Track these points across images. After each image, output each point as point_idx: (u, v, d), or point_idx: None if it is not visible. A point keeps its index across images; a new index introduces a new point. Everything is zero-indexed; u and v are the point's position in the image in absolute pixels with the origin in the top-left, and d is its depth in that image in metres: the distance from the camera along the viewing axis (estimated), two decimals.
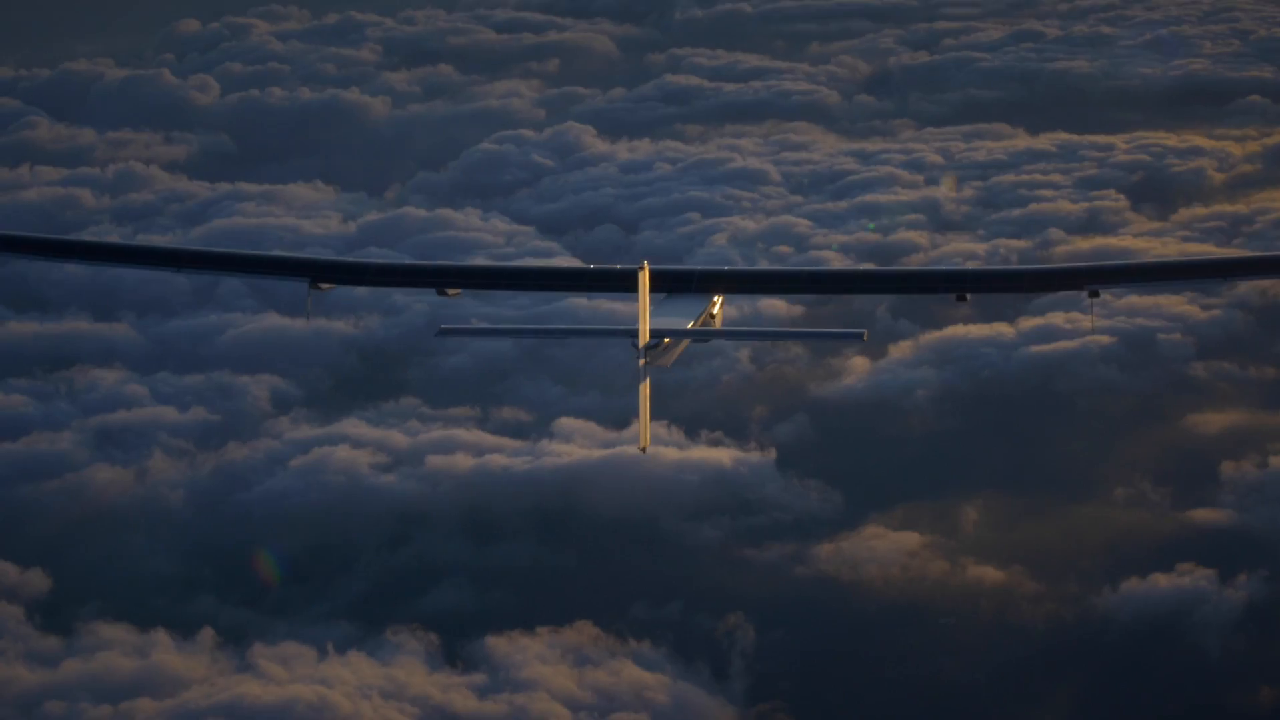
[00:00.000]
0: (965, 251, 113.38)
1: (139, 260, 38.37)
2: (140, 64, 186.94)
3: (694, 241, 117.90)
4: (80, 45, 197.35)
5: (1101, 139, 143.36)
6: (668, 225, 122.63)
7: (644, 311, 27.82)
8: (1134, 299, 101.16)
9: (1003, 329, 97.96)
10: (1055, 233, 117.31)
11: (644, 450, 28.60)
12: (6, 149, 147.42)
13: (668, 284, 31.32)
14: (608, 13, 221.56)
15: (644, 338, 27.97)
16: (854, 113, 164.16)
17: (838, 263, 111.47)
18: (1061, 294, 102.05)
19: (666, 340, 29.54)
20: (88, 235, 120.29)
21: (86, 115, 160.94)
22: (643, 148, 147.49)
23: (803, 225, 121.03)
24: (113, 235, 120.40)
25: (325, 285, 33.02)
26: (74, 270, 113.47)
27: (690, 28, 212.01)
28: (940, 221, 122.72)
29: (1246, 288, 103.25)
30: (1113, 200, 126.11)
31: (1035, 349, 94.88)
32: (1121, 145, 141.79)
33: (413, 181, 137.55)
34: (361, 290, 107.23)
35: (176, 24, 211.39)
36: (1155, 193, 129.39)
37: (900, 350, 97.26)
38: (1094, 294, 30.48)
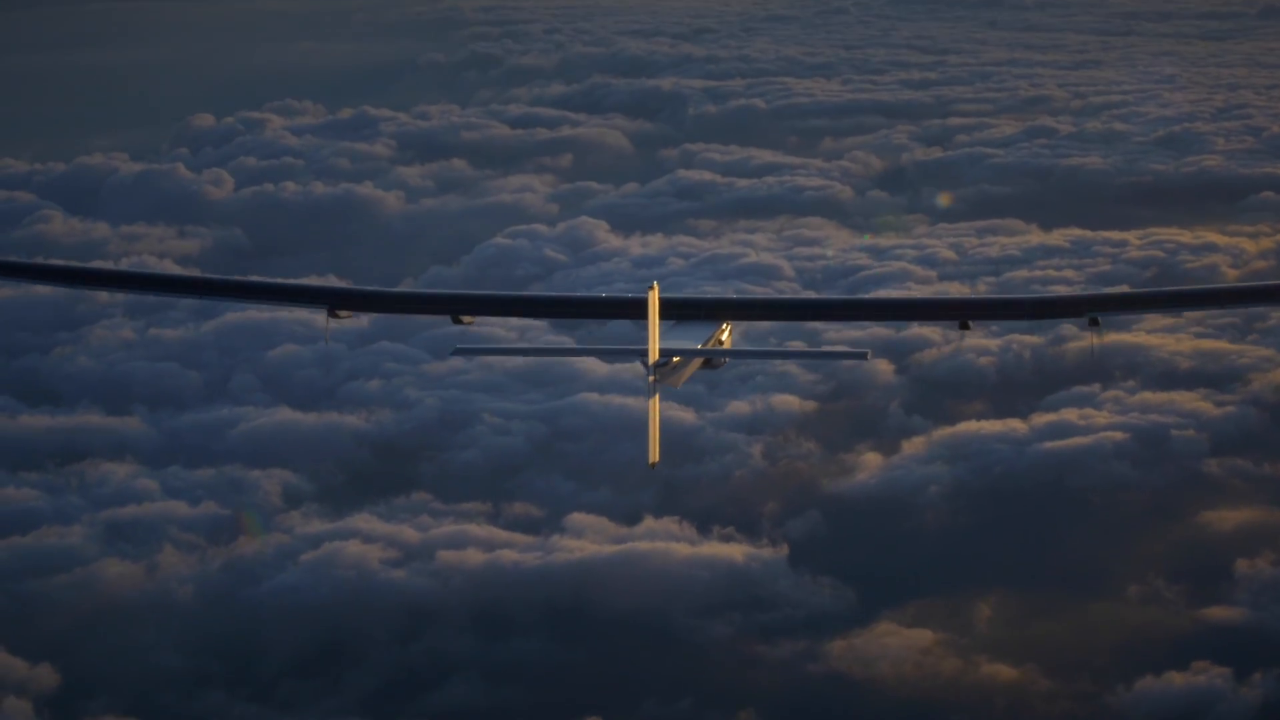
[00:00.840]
0: (978, 347, 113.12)
1: (160, 288, 40.14)
2: (154, 158, 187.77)
3: None
4: (95, 140, 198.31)
5: (1115, 235, 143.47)
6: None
7: (653, 330, 28.66)
8: (1146, 395, 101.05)
9: (1016, 425, 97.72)
10: (1068, 329, 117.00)
11: (653, 466, 29.34)
12: (21, 242, 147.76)
13: (677, 312, 32.35)
14: (621, 108, 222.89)
15: (653, 356, 28.93)
16: (867, 208, 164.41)
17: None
18: (1075, 389, 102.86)
19: (675, 360, 30.48)
20: (100, 329, 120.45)
21: (100, 209, 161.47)
22: (656, 242, 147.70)
23: (816, 321, 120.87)
24: (125, 329, 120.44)
25: (343, 313, 33.44)
26: (86, 363, 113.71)
27: (703, 123, 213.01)
28: None
29: (1260, 385, 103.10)
30: None
31: (1048, 445, 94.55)
32: (1135, 241, 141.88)
33: (425, 275, 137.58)
34: (374, 383, 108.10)
35: (191, 119, 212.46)
36: (1169, 288, 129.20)
37: (913, 446, 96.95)
38: (1094, 321, 31.04)
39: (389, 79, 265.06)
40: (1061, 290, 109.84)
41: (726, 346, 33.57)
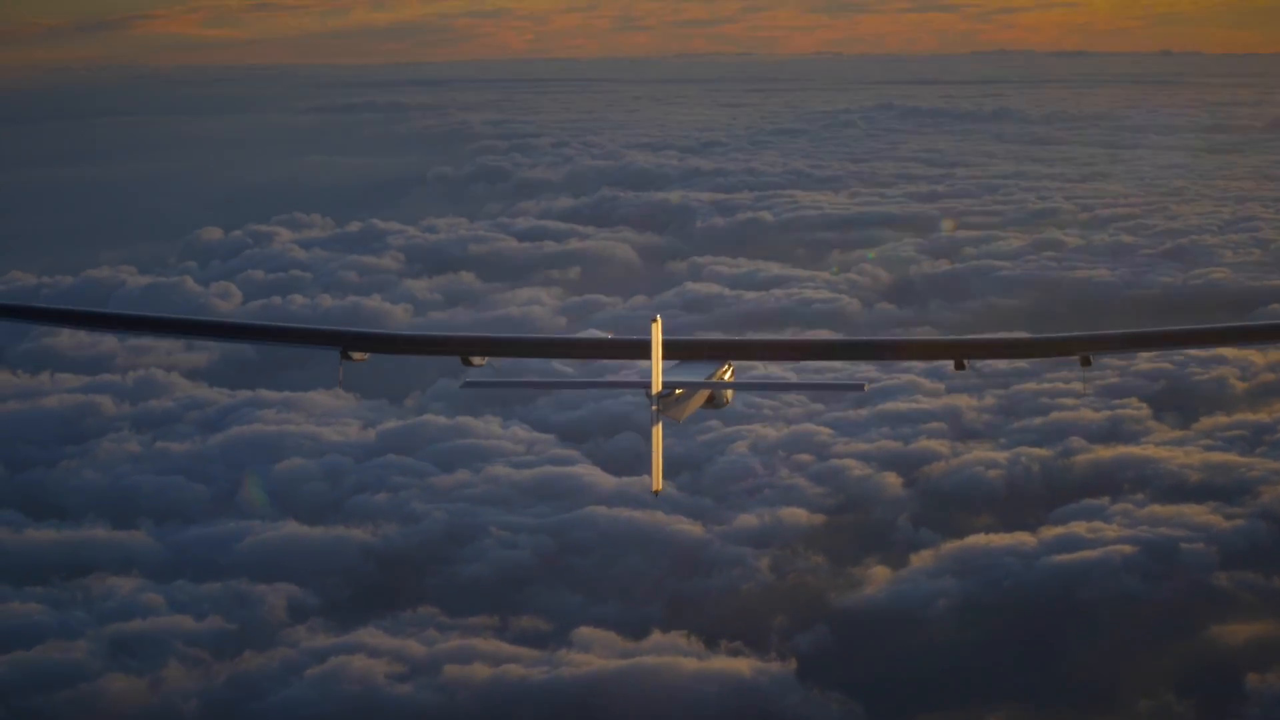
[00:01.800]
0: (986, 460, 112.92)
1: (176, 331, 41.05)
2: (163, 271, 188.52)
3: (715, 449, 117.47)
4: (103, 253, 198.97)
5: None
6: (688, 433, 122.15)
7: (656, 363, 29.69)
8: (1156, 508, 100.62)
9: (1024, 538, 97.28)
10: (1077, 441, 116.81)
11: (657, 494, 30.65)
12: (28, 355, 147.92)
13: (682, 353, 33.47)
14: (629, 221, 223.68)
15: (656, 387, 29.92)
16: (875, 321, 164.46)
17: (859, 471, 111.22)
18: (1084, 502, 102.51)
19: (678, 391, 31.55)
20: (107, 442, 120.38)
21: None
22: None
23: (824, 433, 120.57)
24: (131, 443, 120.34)
25: (356, 355, 34.50)
26: (92, 477, 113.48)
27: (711, 235, 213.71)
28: (961, 430, 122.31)
29: (1271, 497, 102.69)
30: (1134, 409, 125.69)
31: (1057, 558, 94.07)
32: (1143, 354, 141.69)
33: (433, 389, 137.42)
34: (381, 496, 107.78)
35: (199, 232, 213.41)
36: (1177, 401, 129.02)
37: (921, 559, 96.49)
38: (1086, 361, 32.54)
39: (397, 192, 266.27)
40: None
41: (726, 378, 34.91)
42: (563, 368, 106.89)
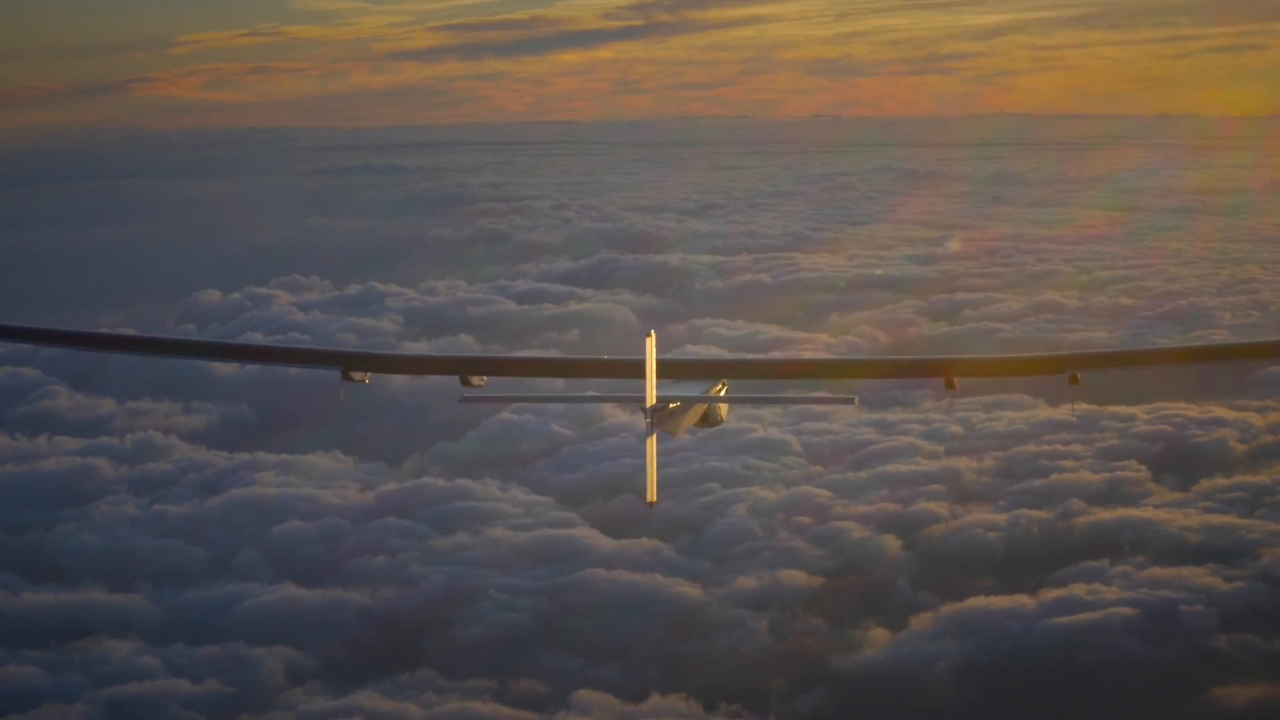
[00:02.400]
0: (986, 522, 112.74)
1: (177, 352, 42.46)
2: (161, 334, 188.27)
3: (714, 511, 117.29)
4: (101, 315, 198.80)
5: (1122, 409, 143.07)
6: (687, 495, 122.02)
7: (650, 376, 30.84)
8: (1156, 570, 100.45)
9: (1024, 600, 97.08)
10: (1076, 503, 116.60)
11: (652, 505, 31.51)
12: (25, 418, 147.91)
13: (676, 372, 34.57)
14: (628, 283, 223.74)
15: (651, 400, 31.05)
16: (874, 383, 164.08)
17: (858, 533, 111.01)
18: (1083, 564, 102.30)
19: (672, 405, 33.00)
20: (105, 504, 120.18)
21: (106, 385, 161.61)
22: None
23: (823, 496, 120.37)
24: (129, 506, 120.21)
25: (357, 375, 35.74)
26: (90, 540, 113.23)
27: (710, 298, 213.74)
28: (961, 492, 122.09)
29: (1270, 559, 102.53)
30: (1134, 471, 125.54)
31: (1057, 621, 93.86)
32: (1142, 416, 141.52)
33: (431, 451, 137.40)
34: (379, 559, 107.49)
35: (198, 294, 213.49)
36: (1177, 463, 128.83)
37: (921, 622, 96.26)
38: (1074, 379, 32.74)
39: (396, 255, 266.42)
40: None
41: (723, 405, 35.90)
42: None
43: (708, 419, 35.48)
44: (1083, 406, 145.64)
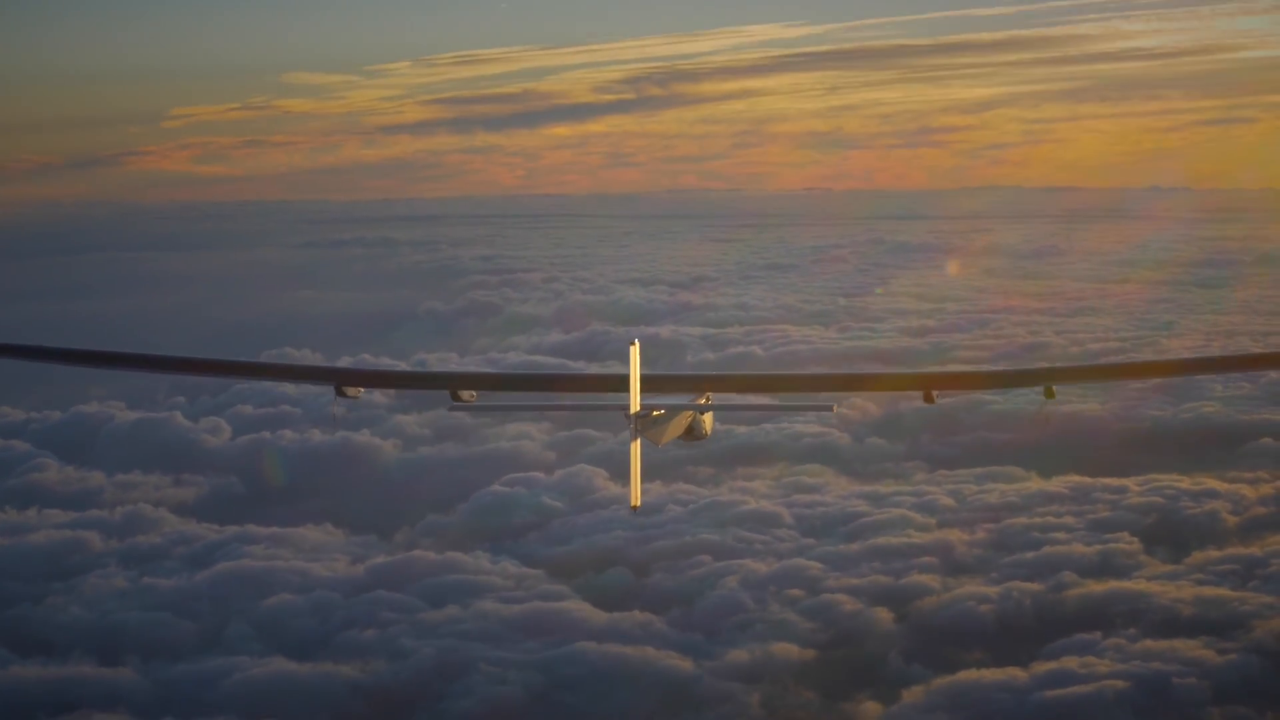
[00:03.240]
0: (978, 594, 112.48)
1: (177, 370, 44.06)
2: (152, 406, 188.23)
3: (705, 584, 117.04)
4: (92, 388, 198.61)
5: (1114, 482, 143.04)
6: (679, 568, 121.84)
7: (634, 384, 31.98)
8: (1149, 642, 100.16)
9: (1016, 673, 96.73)
10: (1069, 575, 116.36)
11: (635, 509, 32.43)
12: (15, 491, 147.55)
13: (661, 385, 36.10)
14: (619, 356, 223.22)
15: (634, 407, 32.17)
16: (865, 455, 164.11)
17: (850, 606, 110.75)
18: (1076, 636, 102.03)
19: (655, 413, 34.45)
20: (94, 578, 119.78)
21: (96, 458, 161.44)
22: (654, 490, 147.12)
23: (815, 568, 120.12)
24: (118, 579, 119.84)
25: (350, 389, 36.93)
26: (79, 614, 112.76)
27: (702, 371, 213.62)
28: (953, 565, 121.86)
29: (1263, 632, 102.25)
30: (1126, 543, 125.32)
31: (1049, 694, 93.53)
32: (1134, 487, 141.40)
33: (422, 524, 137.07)
34: (369, 632, 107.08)
35: None
36: (1169, 535, 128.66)
37: (913, 695, 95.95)
38: (1049, 392, 33.78)
39: (388, 327, 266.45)
40: (1016, 365, 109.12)
41: (707, 417, 37.23)
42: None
43: (692, 432, 37.20)
44: (1074, 478, 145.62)
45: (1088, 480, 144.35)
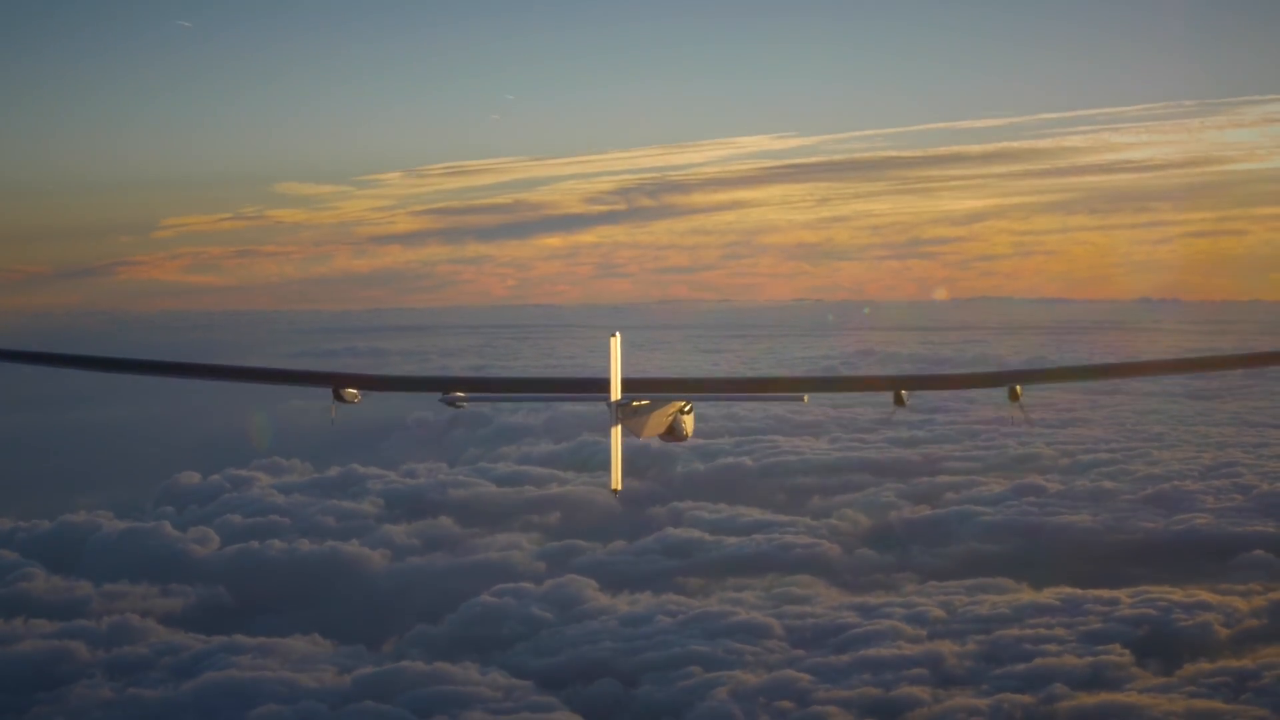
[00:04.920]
0: (968, 707, 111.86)
1: (172, 373, 45.90)
2: (140, 516, 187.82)
3: (695, 695, 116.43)
4: (80, 497, 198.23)
5: (1105, 593, 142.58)
6: (668, 679, 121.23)
7: (615, 373, 34.58)
8: None
9: None
10: (1060, 688, 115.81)
11: (616, 493, 35.94)
12: (2, 601, 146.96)
13: (644, 388, 38.13)
14: (609, 466, 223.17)
15: (615, 395, 34.78)
16: (855, 565, 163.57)
17: (840, 718, 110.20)
18: None
19: (635, 404, 36.99)
20: (80, 688, 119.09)
21: (84, 567, 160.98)
22: (644, 600, 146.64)
23: (804, 680, 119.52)
24: (104, 689, 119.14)
25: (348, 392, 39.78)
26: None
27: (691, 481, 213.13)
28: (943, 676, 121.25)
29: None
30: (1117, 655, 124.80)
31: None
32: (1126, 600, 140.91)
33: (410, 634, 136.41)
34: None
35: (177, 476, 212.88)
36: (1160, 648, 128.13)
37: None
38: (1014, 394, 35.56)
39: (378, 437, 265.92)
40: (987, 370, 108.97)
41: (688, 417, 39.61)
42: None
43: (673, 432, 39.92)
44: (1065, 590, 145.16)
45: (1079, 592, 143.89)
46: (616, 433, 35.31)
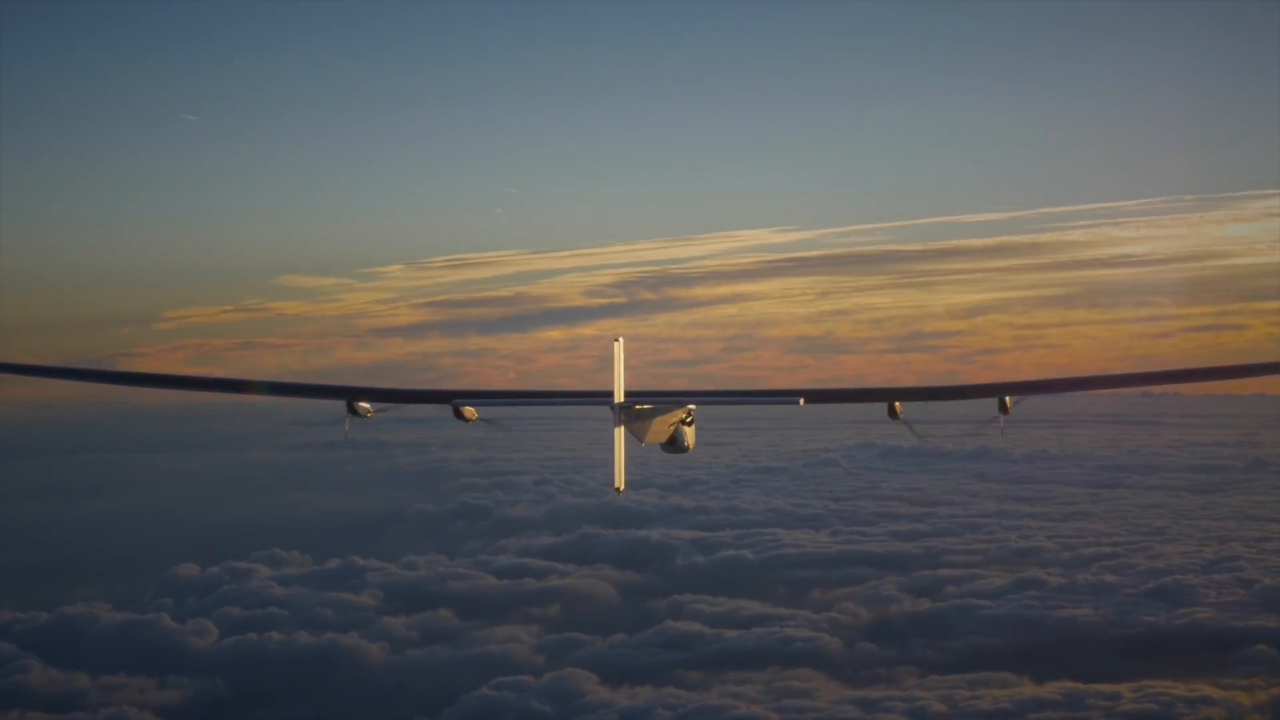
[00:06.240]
0: None
1: (191, 387, 44.97)
2: (138, 608, 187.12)
3: None
4: (78, 589, 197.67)
5: (1107, 688, 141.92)
6: None
7: (618, 376, 36.24)
8: None
9: None
10: None
11: (619, 492, 37.40)
12: None
13: (648, 400, 39.53)
14: (609, 559, 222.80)
15: (618, 397, 36.62)
16: (857, 660, 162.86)
17: None
18: None
19: (638, 407, 38.53)
20: None
21: (81, 660, 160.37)
22: (644, 694, 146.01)
23: None
24: None
25: (361, 405, 41.87)
26: None
27: (691, 574, 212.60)
28: None
29: None
30: None
31: None
32: (1128, 694, 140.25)
33: None
34: None
35: (176, 568, 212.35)
36: None
37: None
38: (1003, 405, 38.51)
39: (378, 529, 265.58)
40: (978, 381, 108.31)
41: (687, 422, 40.96)
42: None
43: (675, 443, 41.42)
44: (1067, 684, 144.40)
45: (1081, 686, 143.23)
46: (619, 434, 37.09)
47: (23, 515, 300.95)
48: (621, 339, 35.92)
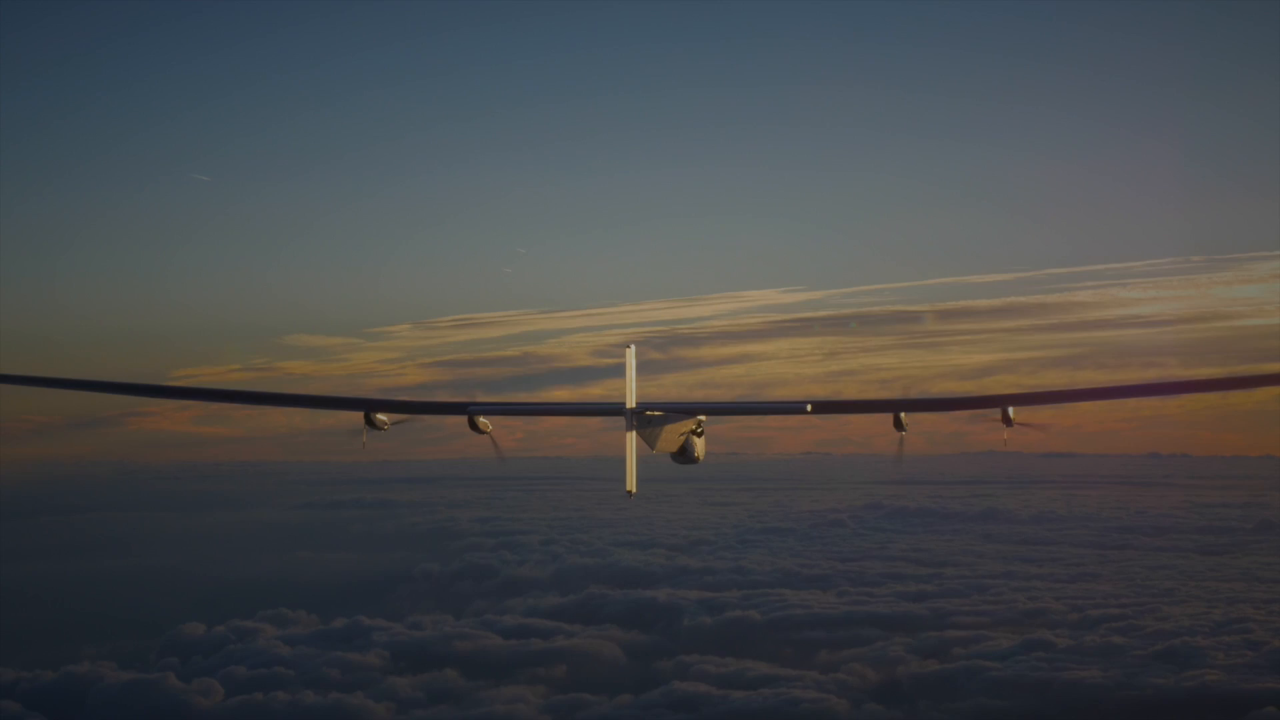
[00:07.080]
0: None
1: (209, 398, 45.84)
2: (144, 667, 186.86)
3: None
4: (84, 648, 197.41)
5: None
6: None
7: (630, 382, 37.22)
8: None
9: None
10: None
11: (631, 494, 37.42)
12: None
13: (659, 408, 40.35)
14: (616, 619, 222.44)
15: (630, 404, 37.47)
16: None
17: None
18: None
19: (650, 414, 39.21)
20: None
21: (86, 719, 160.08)
22: None
23: None
24: None
25: (380, 417, 42.68)
26: None
27: (698, 634, 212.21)
28: None
29: None
30: None
31: None
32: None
33: None
34: None
35: (182, 627, 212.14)
36: None
37: None
38: (1005, 416, 39.02)
39: (384, 589, 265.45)
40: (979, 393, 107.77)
41: (697, 432, 41.43)
42: None
43: (685, 453, 41.13)
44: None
45: None
46: (631, 438, 37.45)
47: (29, 574, 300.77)
48: (634, 345, 36.84)
